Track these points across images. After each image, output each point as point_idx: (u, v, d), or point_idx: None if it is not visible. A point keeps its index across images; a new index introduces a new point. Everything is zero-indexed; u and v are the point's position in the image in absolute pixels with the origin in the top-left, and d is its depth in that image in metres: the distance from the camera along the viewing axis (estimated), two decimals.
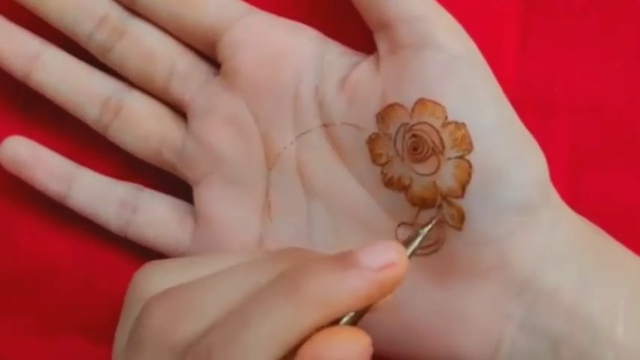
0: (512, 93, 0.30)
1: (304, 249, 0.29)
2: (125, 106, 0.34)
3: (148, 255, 0.34)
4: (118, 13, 0.33)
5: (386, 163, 0.30)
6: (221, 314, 0.25)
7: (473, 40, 0.31)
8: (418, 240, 0.28)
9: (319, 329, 0.24)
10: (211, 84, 0.33)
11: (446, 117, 0.29)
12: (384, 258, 0.25)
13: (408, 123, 0.29)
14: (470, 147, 0.29)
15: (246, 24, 0.32)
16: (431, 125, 0.29)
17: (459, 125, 0.29)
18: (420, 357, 0.31)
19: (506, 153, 0.29)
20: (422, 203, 0.30)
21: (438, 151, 0.29)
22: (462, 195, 0.29)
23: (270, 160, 0.32)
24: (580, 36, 0.34)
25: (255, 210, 0.33)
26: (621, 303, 0.30)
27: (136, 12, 0.33)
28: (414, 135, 0.29)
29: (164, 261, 0.29)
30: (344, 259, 0.25)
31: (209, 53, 0.33)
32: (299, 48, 0.32)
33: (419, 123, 0.29)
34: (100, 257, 0.35)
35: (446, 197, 0.29)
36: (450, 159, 0.29)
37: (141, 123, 0.34)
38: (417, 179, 0.30)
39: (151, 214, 0.34)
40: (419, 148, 0.29)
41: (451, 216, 0.29)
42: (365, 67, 0.31)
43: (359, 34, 0.32)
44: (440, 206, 0.29)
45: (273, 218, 0.32)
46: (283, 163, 0.32)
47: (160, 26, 0.33)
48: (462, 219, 0.29)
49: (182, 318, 0.25)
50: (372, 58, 0.31)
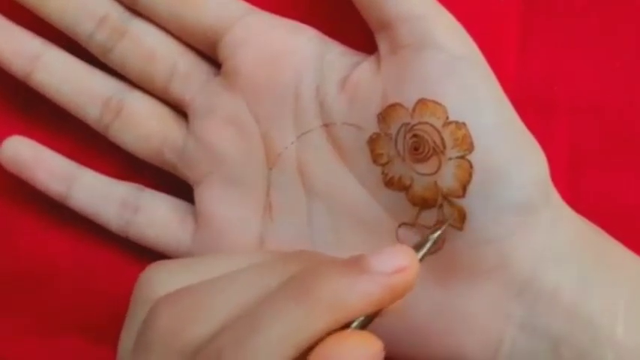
0: (512, 93, 0.30)
1: (314, 252, 0.29)
2: (126, 106, 0.34)
3: (149, 255, 0.34)
4: (119, 13, 0.33)
5: (387, 163, 0.30)
6: (230, 317, 0.24)
7: (473, 40, 0.31)
8: (428, 245, 0.28)
9: (330, 333, 0.24)
10: (212, 84, 0.33)
11: (447, 117, 0.29)
12: (396, 263, 0.25)
13: (409, 123, 0.29)
14: (471, 147, 0.29)
15: (246, 24, 0.32)
16: (432, 125, 0.29)
17: (460, 125, 0.29)
18: (421, 357, 0.31)
19: (506, 153, 0.29)
20: (423, 203, 0.30)
21: (439, 151, 0.29)
22: (463, 195, 0.29)
23: (270, 160, 0.32)
24: (580, 36, 0.34)
25: (255, 210, 0.33)
26: (621, 303, 0.30)
27: (137, 12, 0.33)
28: (415, 135, 0.29)
29: (169, 261, 0.28)
30: (355, 264, 0.24)
31: (210, 53, 0.33)
32: (299, 48, 0.32)
33: (420, 123, 0.29)
34: (100, 257, 0.35)
35: (447, 197, 0.29)
36: (451, 159, 0.29)
37: (142, 123, 0.34)
38: (418, 179, 0.30)
39: (152, 214, 0.34)
40: (420, 148, 0.29)
41: (452, 216, 0.29)
42: (365, 67, 0.31)
43: (359, 34, 0.32)
44: (441, 206, 0.29)
45: (273, 218, 0.32)
46: (284, 163, 0.32)
47: (161, 26, 0.33)
48: (463, 219, 0.29)
49: (191, 320, 0.25)
50: (373, 58, 0.31)
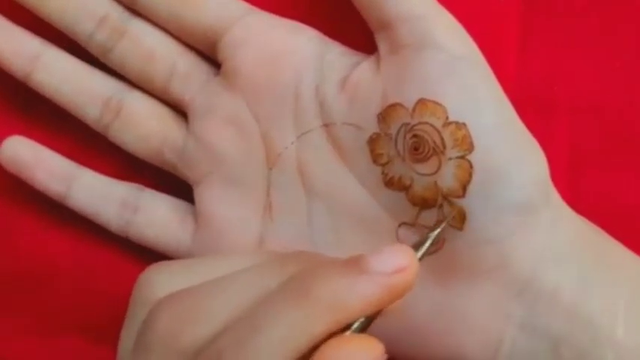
0: (512, 93, 0.30)
1: (313, 252, 0.29)
2: (126, 106, 0.34)
3: (149, 255, 0.34)
4: (119, 13, 0.33)
5: (387, 163, 0.30)
6: (231, 318, 0.24)
7: (473, 40, 0.31)
8: (427, 244, 0.28)
9: (331, 335, 0.24)
10: (212, 84, 0.33)
11: (447, 117, 0.29)
12: (395, 263, 0.24)
13: (409, 123, 0.29)
14: (471, 147, 0.29)
15: (246, 24, 0.32)
16: (432, 125, 0.29)
17: (460, 125, 0.29)
18: (420, 357, 0.31)
19: (506, 153, 0.29)
20: (423, 203, 0.30)
21: (439, 151, 0.29)
22: (463, 195, 0.29)
23: (270, 160, 0.32)
24: (580, 36, 0.34)
25: (255, 210, 0.33)
26: (621, 303, 0.30)
27: (137, 12, 0.33)
28: (415, 135, 0.29)
29: (169, 262, 0.28)
30: (355, 264, 0.24)
31: (209, 53, 0.33)
32: (299, 48, 0.32)
33: (420, 123, 0.29)
34: (100, 257, 0.35)
35: (447, 197, 0.29)
36: (451, 159, 0.29)
37: (141, 123, 0.34)
38: (418, 179, 0.30)
39: (152, 214, 0.34)
40: (420, 148, 0.29)
41: (451, 215, 0.29)
42: (365, 67, 0.31)
43: (359, 34, 0.32)
44: (441, 206, 0.29)
45: (273, 218, 0.32)
46: (284, 163, 0.32)
47: (161, 26, 0.33)
48: (463, 219, 0.29)
49: (191, 321, 0.25)
50: (373, 58, 0.31)
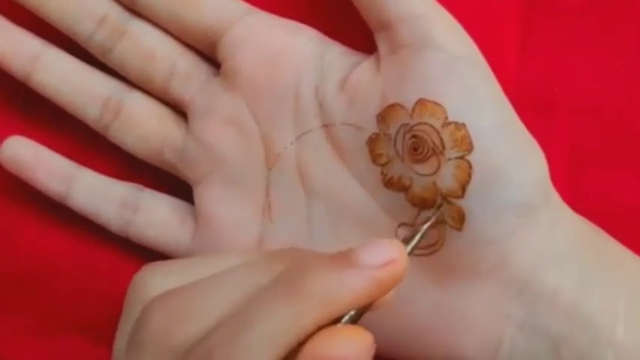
0: (512, 93, 0.30)
1: (303, 248, 0.29)
2: (125, 107, 0.34)
3: (148, 255, 0.34)
4: (118, 14, 0.33)
5: (386, 164, 0.30)
6: (222, 315, 0.25)
7: (473, 40, 0.31)
8: (417, 237, 0.28)
9: (321, 328, 0.24)
10: (211, 84, 0.33)
11: (446, 117, 0.29)
12: (384, 255, 0.25)
13: (409, 123, 0.29)
14: (470, 147, 0.29)
15: (246, 24, 0.32)
16: (431, 126, 0.29)
17: (459, 126, 0.29)
18: (420, 357, 0.31)
19: (506, 153, 0.29)
20: (422, 204, 0.30)
21: (438, 152, 0.29)
22: (462, 195, 0.29)
23: (270, 161, 0.32)
24: (580, 36, 0.34)
25: (255, 210, 0.33)
26: (621, 303, 0.30)
27: (136, 12, 0.33)
28: (415, 135, 0.29)
29: (164, 262, 0.29)
30: (344, 258, 0.25)
31: (209, 53, 0.33)
32: (299, 48, 0.32)
33: (419, 123, 0.29)
34: (100, 257, 0.35)
35: (446, 198, 0.29)
36: (450, 159, 0.29)
37: (141, 123, 0.34)
38: (417, 180, 0.30)
39: (152, 215, 0.34)
40: (419, 149, 0.29)
41: (451, 216, 0.29)
42: (365, 68, 0.31)
43: (359, 34, 0.32)
44: (440, 205, 0.29)
45: (273, 218, 0.32)
46: (283, 164, 0.32)
47: (160, 26, 0.33)
48: (463, 219, 0.29)
49: (183, 320, 0.25)
50: (373, 59, 0.31)
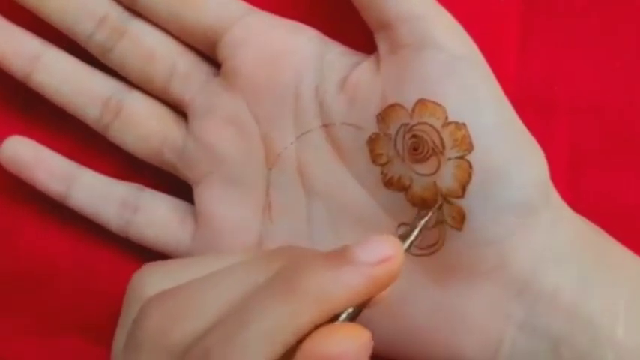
0: (512, 93, 0.30)
1: (300, 247, 0.29)
2: (125, 107, 0.34)
3: (148, 255, 0.34)
4: (118, 14, 0.33)
5: (386, 164, 0.30)
6: (219, 314, 0.25)
7: (473, 40, 0.31)
8: (414, 234, 0.28)
9: (318, 326, 0.24)
10: (211, 84, 0.33)
11: (446, 117, 0.29)
12: (380, 252, 0.25)
13: (409, 123, 0.29)
14: (470, 147, 0.29)
15: (246, 24, 0.32)
16: (431, 126, 0.29)
17: (460, 125, 0.29)
18: (420, 357, 0.31)
19: (506, 153, 0.29)
20: (422, 204, 0.30)
21: (439, 152, 0.29)
22: (463, 195, 0.29)
23: (270, 160, 0.32)
24: (580, 36, 0.34)
25: (255, 210, 0.33)
26: (621, 303, 0.30)
27: (136, 12, 0.33)
28: (415, 135, 0.29)
29: (162, 262, 0.29)
30: (339, 255, 0.25)
31: (209, 53, 0.33)
32: (299, 48, 0.32)
33: (419, 123, 0.29)
34: (100, 257, 0.35)
35: (446, 197, 0.29)
36: (451, 159, 0.29)
37: (141, 123, 0.34)
38: (418, 180, 0.30)
39: (152, 214, 0.34)
40: (419, 149, 0.29)
41: (451, 216, 0.29)
42: (365, 68, 0.31)
43: (359, 34, 0.32)
44: (440, 206, 0.29)
45: (273, 218, 0.32)
46: (283, 164, 0.32)
47: (160, 26, 0.33)
48: (463, 219, 0.29)
49: (180, 319, 0.25)
50: (373, 59, 0.31)
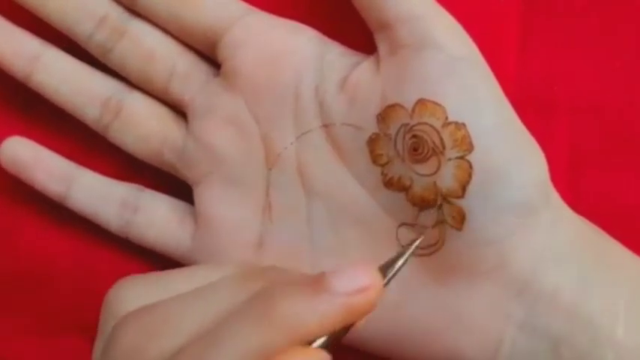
0: (512, 93, 0.30)
1: (282, 269, 0.28)
2: (125, 107, 0.34)
3: (148, 255, 0.34)
4: (118, 14, 0.33)
5: (386, 164, 0.30)
6: (194, 334, 0.24)
7: (473, 40, 0.31)
8: (400, 262, 0.27)
9: None
10: (211, 84, 0.33)
11: (446, 117, 0.29)
12: (357, 282, 0.24)
13: (409, 123, 0.29)
14: (470, 147, 0.29)
15: (246, 24, 0.32)
16: (431, 126, 0.29)
17: (459, 126, 0.29)
18: (420, 357, 0.31)
19: (506, 153, 0.29)
20: (422, 204, 0.30)
21: (439, 152, 0.29)
22: (463, 195, 0.29)
23: (270, 161, 0.32)
24: (580, 36, 0.34)
25: (255, 210, 0.33)
26: (621, 303, 0.30)
27: (136, 12, 0.33)
28: (415, 135, 0.29)
29: (138, 277, 0.28)
30: (316, 283, 0.24)
31: (209, 53, 0.33)
32: (299, 48, 0.32)
33: (419, 123, 0.29)
34: (100, 257, 0.35)
35: (446, 197, 0.29)
36: (451, 159, 0.29)
37: (141, 123, 0.34)
38: (418, 180, 0.30)
39: (152, 215, 0.34)
40: (419, 149, 0.29)
41: (451, 216, 0.29)
42: (365, 68, 0.31)
43: (359, 34, 0.32)
44: (441, 207, 0.29)
45: (273, 219, 0.32)
46: (283, 164, 0.32)
47: (160, 26, 0.33)
48: (463, 219, 0.29)
49: (155, 336, 0.25)
50: (373, 59, 0.31)
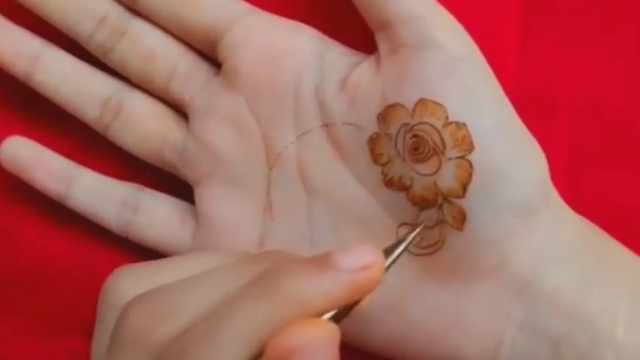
0: (512, 93, 0.30)
1: (284, 251, 0.28)
2: (126, 107, 0.34)
3: (149, 255, 0.34)
4: (119, 13, 0.33)
5: (387, 163, 0.30)
6: (199, 315, 0.24)
7: (473, 40, 0.31)
8: (403, 246, 0.28)
9: None
10: (212, 84, 0.33)
11: (447, 117, 0.29)
12: (361, 260, 0.24)
13: (409, 123, 0.29)
14: (470, 147, 0.29)
15: (246, 24, 0.32)
16: (432, 125, 0.29)
17: (460, 125, 0.29)
18: (420, 357, 0.31)
19: (506, 153, 0.29)
20: (423, 203, 0.30)
21: (439, 151, 0.29)
22: (463, 195, 0.29)
23: (270, 160, 0.32)
24: (580, 36, 0.34)
25: (255, 210, 0.33)
26: (621, 303, 0.30)
27: (137, 12, 0.33)
28: (415, 135, 0.29)
29: (135, 265, 0.28)
30: (321, 261, 0.25)
31: (210, 53, 0.33)
32: (299, 48, 0.32)
33: (420, 123, 0.29)
34: (100, 257, 0.35)
35: (447, 197, 0.29)
36: (451, 159, 0.29)
37: (142, 123, 0.34)
38: (418, 179, 0.30)
39: (152, 215, 0.34)
40: (420, 148, 0.29)
41: (452, 216, 0.29)
42: (365, 67, 0.31)
43: (359, 34, 0.32)
44: (441, 206, 0.29)
45: (274, 218, 0.32)
46: (284, 163, 0.32)
47: (161, 26, 0.33)
48: (463, 219, 0.29)
49: (163, 318, 0.25)
50: (373, 58, 0.31)
